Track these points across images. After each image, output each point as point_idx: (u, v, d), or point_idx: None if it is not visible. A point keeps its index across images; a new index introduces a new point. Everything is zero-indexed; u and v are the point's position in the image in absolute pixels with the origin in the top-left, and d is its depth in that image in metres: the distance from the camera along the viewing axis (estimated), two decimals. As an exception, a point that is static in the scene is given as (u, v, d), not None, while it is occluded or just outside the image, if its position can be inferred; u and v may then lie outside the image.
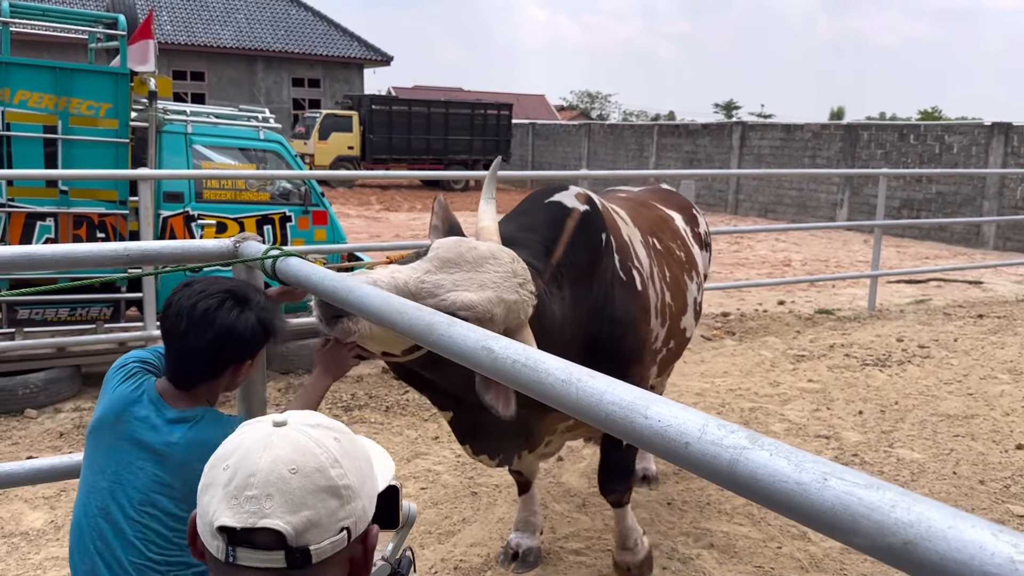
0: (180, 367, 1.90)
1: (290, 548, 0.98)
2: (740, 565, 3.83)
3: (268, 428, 1.05)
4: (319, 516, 1.00)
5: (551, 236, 2.90)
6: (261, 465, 1.00)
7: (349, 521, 1.03)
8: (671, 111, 71.20)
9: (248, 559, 0.99)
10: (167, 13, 28.69)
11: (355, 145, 25.99)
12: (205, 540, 1.02)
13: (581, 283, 2.95)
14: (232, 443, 1.05)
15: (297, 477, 1.00)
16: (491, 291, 2.41)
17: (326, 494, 1.01)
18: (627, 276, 3.24)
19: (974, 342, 7.84)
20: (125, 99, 6.21)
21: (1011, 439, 5.35)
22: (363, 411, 5.75)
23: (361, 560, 1.08)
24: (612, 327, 3.10)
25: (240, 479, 0.99)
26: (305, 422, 1.07)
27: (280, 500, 0.98)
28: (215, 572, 1.03)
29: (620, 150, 27.89)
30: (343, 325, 2.22)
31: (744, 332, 8.24)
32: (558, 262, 2.84)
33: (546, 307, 2.70)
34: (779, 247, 15.89)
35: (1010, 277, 12.54)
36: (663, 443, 0.96)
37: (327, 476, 1.02)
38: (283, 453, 1.01)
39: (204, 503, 1.02)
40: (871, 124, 20.63)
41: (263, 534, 0.98)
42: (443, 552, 3.90)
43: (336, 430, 1.09)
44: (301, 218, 7.08)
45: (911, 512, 0.73)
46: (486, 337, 1.32)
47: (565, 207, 3.00)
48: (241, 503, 0.98)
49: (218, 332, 1.84)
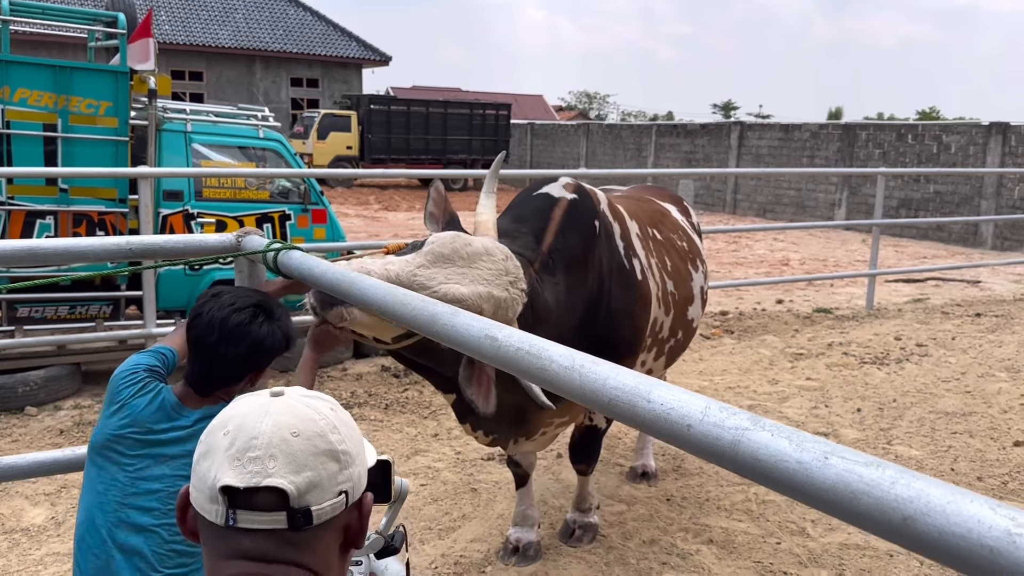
0: (206, 374, 1.96)
1: (292, 509, 1.00)
2: (739, 560, 3.84)
3: (265, 398, 1.08)
4: (320, 478, 1.02)
5: (540, 225, 2.97)
6: (263, 429, 1.02)
7: (347, 485, 1.06)
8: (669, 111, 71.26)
9: (249, 521, 1.00)
10: (165, 13, 28.67)
11: (354, 145, 25.99)
12: (202, 508, 1.03)
13: (575, 269, 3.00)
14: (230, 411, 1.07)
15: (299, 440, 1.02)
16: (481, 287, 2.47)
17: (326, 457, 1.03)
18: (629, 264, 3.28)
19: (972, 340, 7.86)
20: (125, 97, 6.21)
21: (1009, 436, 5.36)
22: (362, 409, 5.76)
23: (356, 527, 1.10)
24: (609, 316, 3.14)
25: (242, 442, 1.01)
26: (301, 393, 1.10)
27: (283, 461, 1.00)
28: (211, 541, 1.04)
29: (618, 150, 27.91)
30: (337, 310, 2.26)
31: (743, 331, 8.25)
32: (549, 248, 2.91)
33: (539, 295, 2.75)
34: (777, 246, 15.92)
35: (1008, 276, 12.56)
36: (666, 426, 0.97)
37: (327, 440, 1.04)
38: (284, 419, 1.04)
39: (203, 469, 1.03)
40: (869, 124, 20.65)
41: (265, 495, 0.99)
42: (443, 548, 3.91)
43: (330, 401, 1.12)
44: (300, 216, 7.08)
45: (910, 488, 0.75)
46: (489, 326, 1.34)
47: (552, 197, 3.08)
48: (244, 464, 1.00)
49: (250, 345, 1.93)
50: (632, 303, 3.25)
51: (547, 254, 2.90)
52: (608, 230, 3.24)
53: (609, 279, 3.17)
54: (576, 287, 3.00)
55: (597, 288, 3.11)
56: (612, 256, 3.22)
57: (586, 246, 3.07)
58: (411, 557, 3.83)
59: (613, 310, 3.16)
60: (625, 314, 3.21)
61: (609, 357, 1.18)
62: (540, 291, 2.78)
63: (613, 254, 3.23)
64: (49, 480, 4.45)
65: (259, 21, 30.45)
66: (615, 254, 3.24)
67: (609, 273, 3.17)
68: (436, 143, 27.37)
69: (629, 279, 3.27)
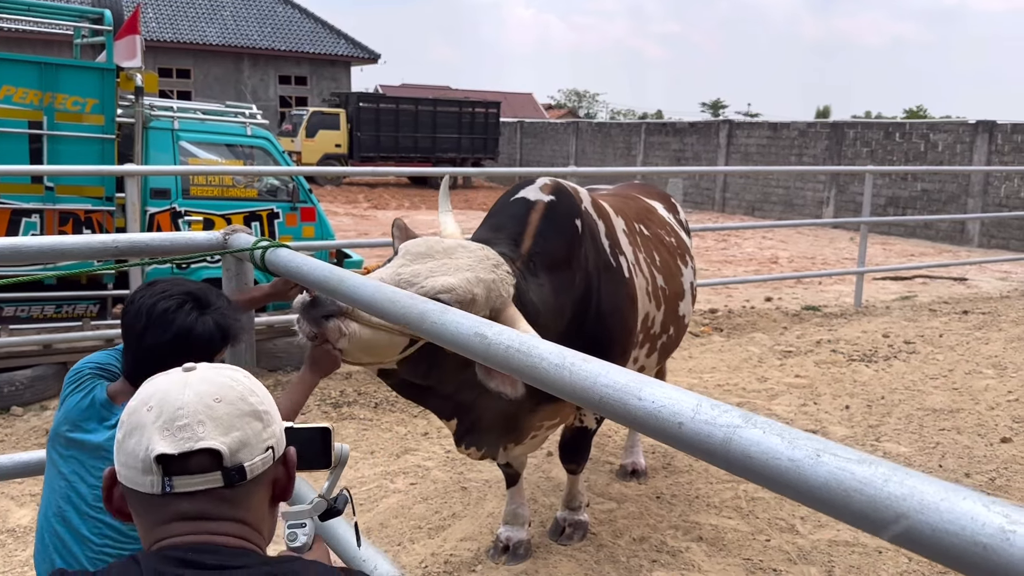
0: (136, 366, 1.88)
1: (226, 468, 1.07)
2: (729, 558, 3.84)
3: (180, 374, 1.14)
4: (248, 436, 1.10)
5: (517, 231, 2.92)
6: (186, 399, 1.08)
7: (272, 441, 1.14)
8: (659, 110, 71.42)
9: (185, 485, 1.06)
10: (153, 10, 28.50)
11: (343, 143, 25.90)
12: (133, 482, 1.07)
13: (559, 271, 2.96)
14: (147, 390, 1.12)
15: (223, 404, 1.10)
16: (468, 273, 2.44)
17: (250, 417, 1.11)
18: (615, 262, 3.26)
19: (959, 338, 7.90)
20: (111, 95, 6.17)
21: (996, 432, 5.39)
22: (352, 407, 5.74)
23: (284, 480, 1.18)
24: (599, 315, 3.12)
25: (169, 413, 1.07)
26: (212, 366, 1.17)
27: (212, 425, 1.07)
28: (145, 513, 1.09)
29: (608, 148, 27.92)
30: (334, 324, 2.20)
31: (732, 328, 8.27)
32: (528, 252, 2.86)
33: (524, 293, 2.71)
34: (766, 244, 15.96)
35: (994, 274, 12.64)
36: (657, 423, 0.97)
37: (248, 402, 1.12)
38: (204, 388, 1.11)
39: (131, 446, 1.07)
40: (857, 122, 20.73)
41: (199, 457, 1.06)
42: (433, 547, 3.90)
43: (242, 371, 1.18)
44: (289, 215, 7.05)
45: (903, 486, 0.74)
46: (479, 324, 1.33)
47: (529, 201, 3.02)
48: (174, 432, 1.06)
49: (176, 333, 1.83)
50: (621, 301, 3.24)
51: (527, 257, 2.84)
52: (592, 229, 3.21)
53: (596, 278, 3.14)
54: (562, 289, 2.96)
55: (584, 288, 3.07)
56: (598, 254, 3.18)
57: (568, 247, 3.02)
58: (402, 552, 3.82)
59: (602, 310, 3.14)
60: (614, 313, 3.19)
61: (601, 356, 1.17)
62: (526, 290, 2.73)
63: (599, 252, 3.19)
64: (35, 481, 4.41)
65: (247, 18, 30.31)
66: (600, 252, 3.21)
67: (596, 272, 3.14)
68: (425, 141, 27.31)
69: (616, 277, 3.24)
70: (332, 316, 2.20)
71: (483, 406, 2.90)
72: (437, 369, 2.53)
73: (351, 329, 2.23)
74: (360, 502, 4.34)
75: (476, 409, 2.91)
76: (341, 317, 2.21)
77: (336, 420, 5.56)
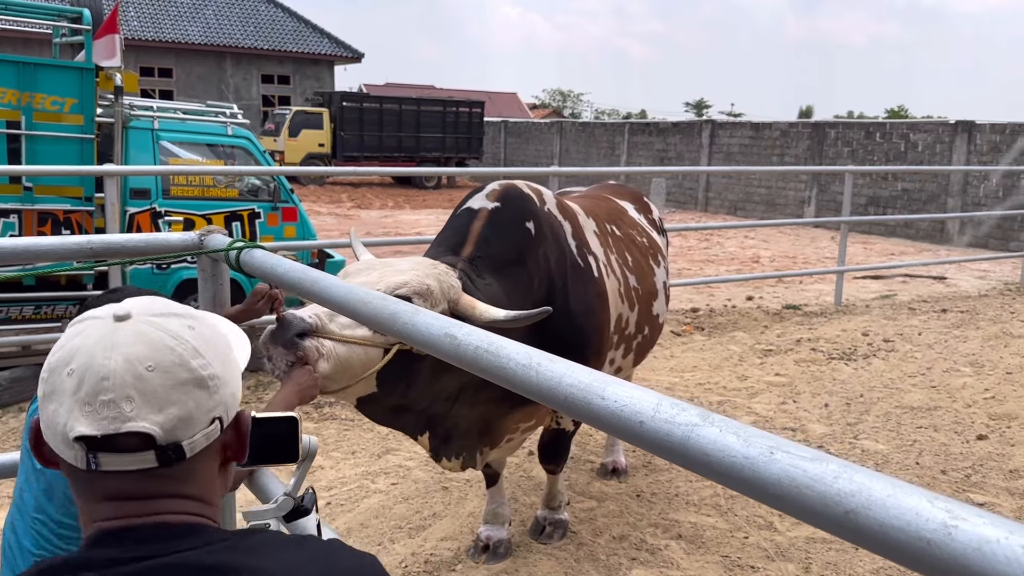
0: None
1: (160, 447, 0.91)
2: (707, 555, 3.87)
3: (110, 324, 0.95)
4: (188, 411, 0.92)
5: (458, 240, 2.92)
6: (112, 366, 0.90)
7: (219, 411, 0.97)
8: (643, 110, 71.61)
9: (113, 463, 0.90)
10: (134, 9, 28.31)
11: (326, 142, 25.82)
12: (57, 449, 0.93)
13: (509, 273, 2.94)
14: (71, 344, 0.94)
15: (156, 374, 0.91)
16: (413, 271, 2.50)
17: (191, 386, 0.93)
18: (583, 262, 3.28)
19: (937, 336, 7.98)
20: (90, 94, 6.14)
21: (972, 430, 5.45)
22: (333, 408, 5.74)
23: (236, 444, 1.02)
24: (568, 315, 3.13)
25: (91, 384, 0.90)
26: (151, 311, 0.97)
27: (142, 401, 0.90)
28: (76, 482, 0.95)
29: (592, 148, 27.98)
30: (309, 344, 2.16)
31: (713, 327, 8.32)
32: (470, 256, 2.86)
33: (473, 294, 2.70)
34: (748, 244, 16.05)
35: (973, 272, 12.77)
36: (619, 422, 0.98)
37: (189, 368, 0.93)
38: (135, 351, 0.92)
39: (50, 412, 0.92)
40: (838, 122, 20.88)
41: (128, 438, 0.90)
42: (414, 546, 3.90)
43: (189, 316, 0.99)
44: (270, 214, 7.04)
45: (852, 482, 0.76)
46: (449, 324, 1.34)
47: (472, 210, 3.03)
48: (97, 409, 0.89)
49: None
50: (591, 300, 3.25)
51: (468, 260, 2.84)
52: (555, 230, 3.21)
53: (562, 279, 3.14)
54: (516, 291, 2.95)
55: (547, 290, 3.06)
56: (562, 255, 3.19)
57: (517, 249, 3.00)
58: (383, 552, 3.82)
59: (571, 309, 3.15)
60: (585, 313, 3.21)
61: (574, 357, 1.19)
62: (472, 290, 2.71)
63: (564, 253, 3.20)
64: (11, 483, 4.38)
65: (229, 17, 30.16)
66: (566, 253, 3.22)
67: (561, 272, 3.14)
68: (409, 141, 27.26)
69: (585, 276, 3.26)
70: (305, 335, 2.16)
71: (456, 415, 2.92)
72: (415, 380, 2.53)
73: (327, 348, 2.19)
74: (341, 502, 4.34)
75: (448, 419, 2.93)
76: (313, 336, 2.18)
77: (318, 420, 5.55)
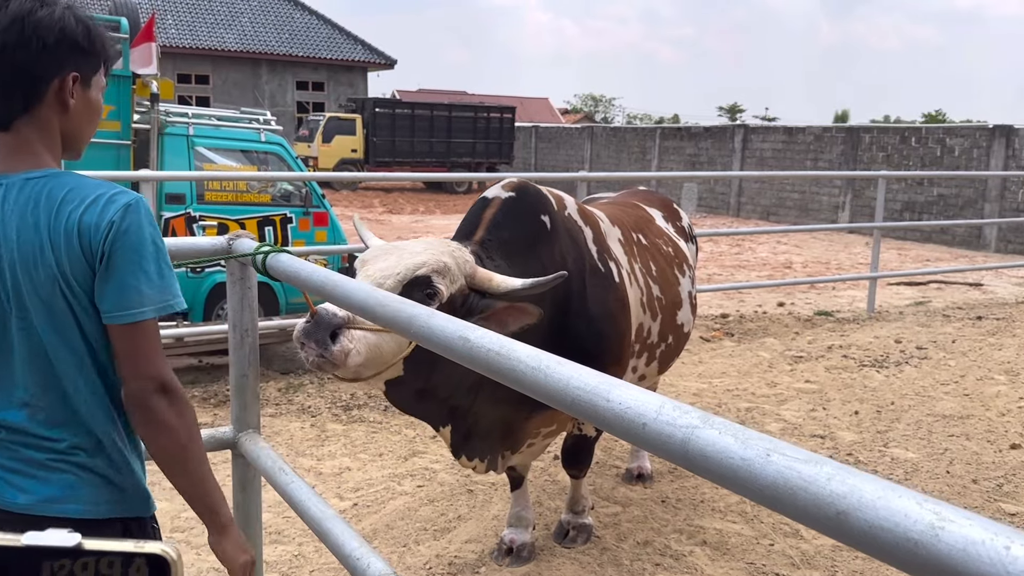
0: None
1: None
2: (732, 562, 3.86)
3: None
4: None
5: (472, 225, 2.97)
6: None
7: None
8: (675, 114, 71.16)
9: None
10: (172, 17, 28.83)
11: (358, 148, 26.08)
12: None
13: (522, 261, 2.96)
14: None
15: None
16: (428, 251, 2.54)
17: None
18: (604, 268, 3.29)
19: (972, 343, 7.86)
20: (127, 101, 6.27)
21: (1006, 439, 5.37)
22: (362, 410, 5.80)
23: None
24: (589, 320, 3.14)
25: None
26: None
27: None
28: None
29: (623, 153, 27.94)
30: (341, 345, 2.23)
31: (743, 333, 8.27)
32: (481, 240, 2.90)
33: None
34: (780, 249, 15.92)
35: (1010, 279, 12.55)
36: (623, 424, 1.01)
37: None
38: None
39: None
40: (872, 127, 20.66)
41: None
42: (438, 548, 3.94)
43: None
44: (302, 219, 7.14)
45: (845, 484, 0.78)
46: (463, 327, 1.37)
47: (486, 199, 3.07)
48: None
49: (12, 19, 1.48)
50: (610, 304, 3.25)
51: (479, 243, 2.87)
52: (573, 233, 3.22)
53: (580, 281, 3.15)
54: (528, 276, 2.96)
55: (564, 289, 3.04)
56: (581, 258, 3.20)
57: (531, 239, 3.02)
58: (407, 554, 3.86)
59: (591, 313, 3.15)
60: (605, 317, 3.22)
61: (593, 363, 1.20)
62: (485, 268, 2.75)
63: (582, 256, 3.21)
64: None
65: (265, 24, 30.59)
66: (585, 256, 3.22)
67: (579, 275, 3.15)
68: (440, 146, 27.45)
69: (605, 282, 3.27)
70: (337, 331, 2.24)
71: (477, 412, 2.95)
72: (438, 363, 2.57)
73: (357, 338, 2.26)
74: (368, 504, 4.40)
75: (470, 415, 2.96)
76: (344, 330, 2.25)
77: (346, 423, 5.61)
